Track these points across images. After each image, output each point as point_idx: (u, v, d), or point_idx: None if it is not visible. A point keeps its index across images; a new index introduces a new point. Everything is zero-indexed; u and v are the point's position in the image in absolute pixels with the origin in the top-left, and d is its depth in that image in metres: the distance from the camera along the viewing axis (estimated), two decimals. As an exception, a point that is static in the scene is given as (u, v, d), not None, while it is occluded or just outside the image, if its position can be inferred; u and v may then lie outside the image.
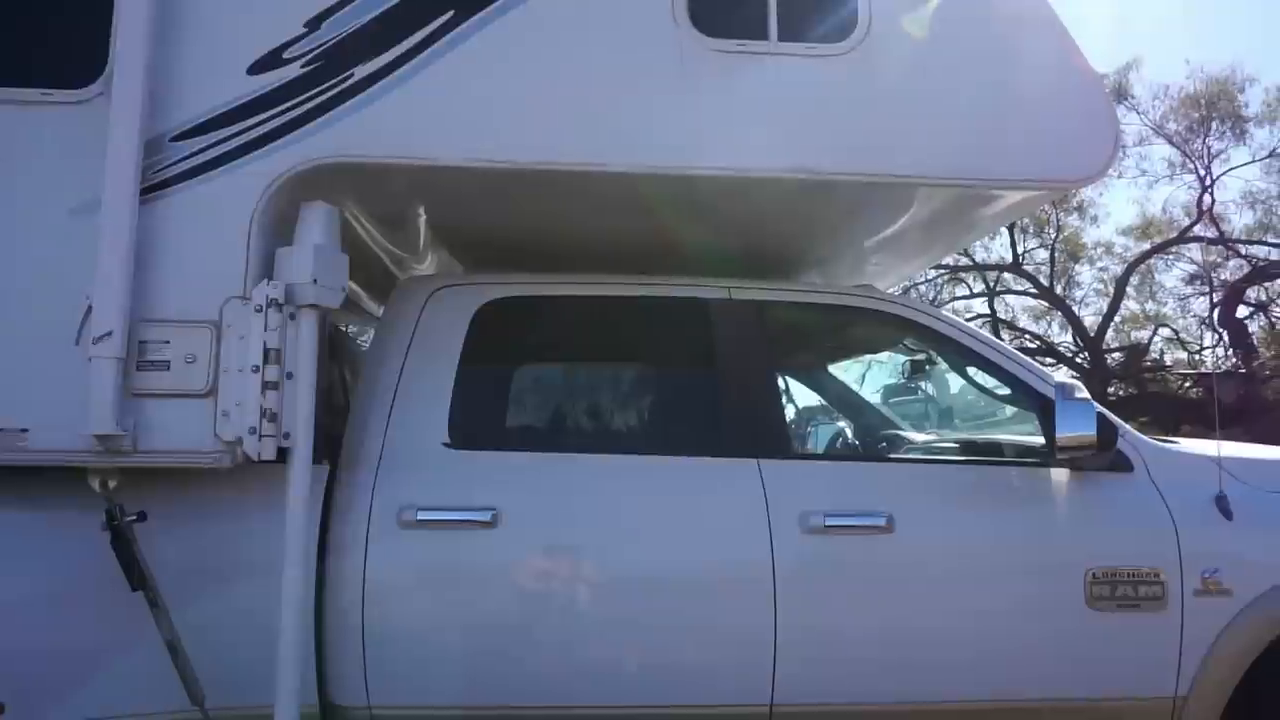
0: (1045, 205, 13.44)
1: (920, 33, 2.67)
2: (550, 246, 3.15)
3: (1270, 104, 13.30)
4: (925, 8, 2.68)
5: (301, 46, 2.44)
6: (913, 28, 2.66)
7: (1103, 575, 2.58)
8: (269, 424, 2.30)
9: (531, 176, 2.52)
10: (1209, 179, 13.80)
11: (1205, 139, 13.77)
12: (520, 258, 3.16)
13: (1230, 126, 13.68)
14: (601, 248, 3.10)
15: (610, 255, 3.04)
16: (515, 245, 3.18)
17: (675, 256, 3.05)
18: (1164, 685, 2.58)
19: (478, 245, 3.29)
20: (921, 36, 2.66)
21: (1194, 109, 13.81)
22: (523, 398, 3.14)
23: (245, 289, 2.34)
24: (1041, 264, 15.60)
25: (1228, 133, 13.72)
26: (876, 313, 3.00)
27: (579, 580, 2.54)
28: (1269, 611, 2.59)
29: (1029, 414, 2.86)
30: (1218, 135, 13.76)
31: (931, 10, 2.68)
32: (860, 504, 2.61)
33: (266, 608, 2.26)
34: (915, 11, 2.67)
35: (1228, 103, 13.63)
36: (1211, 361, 14.22)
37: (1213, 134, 13.76)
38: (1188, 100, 13.85)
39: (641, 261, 2.99)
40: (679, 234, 3.03)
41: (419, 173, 2.50)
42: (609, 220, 2.96)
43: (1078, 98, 2.74)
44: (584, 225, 3.02)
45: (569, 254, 3.08)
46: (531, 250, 3.16)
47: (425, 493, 2.52)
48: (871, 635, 2.56)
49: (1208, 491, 2.68)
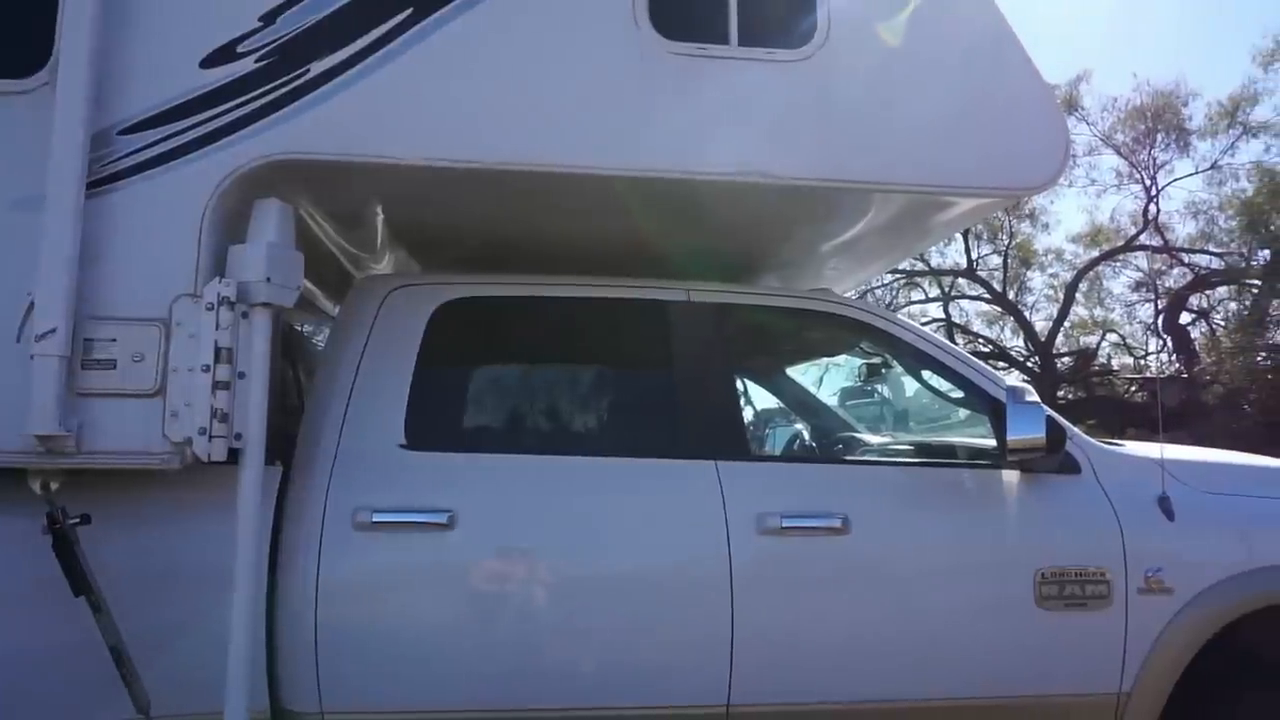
0: (998, 212, 13.71)
1: (879, 42, 2.71)
2: (509, 247, 3.13)
3: (1212, 118, 13.73)
4: (885, 18, 2.72)
5: (256, 41, 2.40)
6: (871, 37, 2.70)
7: (1051, 575, 2.64)
8: (220, 424, 2.26)
9: (490, 177, 2.50)
10: (1154, 189, 14.22)
11: (1151, 150, 14.19)
12: (479, 258, 3.14)
13: (1175, 139, 14.09)
14: (561, 249, 3.09)
15: (569, 256, 3.04)
16: (474, 245, 3.16)
17: (635, 258, 3.06)
18: (1109, 682, 2.64)
19: (436, 245, 3.26)
20: (880, 46, 2.71)
21: (1140, 121, 14.19)
22: (480, 399, 3.12)
23: (196, 287, 2.29)
24: (995, 270, 15.93)
25: (1172, 145, 14.14)
26: (833, 316, 3.03)
27: (536, 582, 2.53)
28: (1207, 609, 2.67)
29: (981, 417, 2.91)
30: (1163, 147, 14.19)
31: (890, 21, 2.72)
32: (816, 505, 2.63)
33: (216, 612, 2.22)
34: (875, 21, 2.71)
35: (1172, 116, 14.03)
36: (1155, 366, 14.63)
37: (1158, 146, 14.17)
38: (1134, 113, 14.24)
39: (601, 263, 2.99)
40: (638, 236, 3.04)
41: (376, 171, 2.47)
42: (568, 221, 2.95)
43: (1030, 108, 2.80)
44: (543, 226, 3.01)
45: (528, 255, 3.07)
46: (490, 251, 3.15)
47: (381, 494, 2.49)
48: (827, 635, 2.58)
49: (1151, 493, 2.75)
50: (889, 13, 2.72)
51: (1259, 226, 12.38)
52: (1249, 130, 13.42)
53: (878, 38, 2.71)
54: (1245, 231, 12.77)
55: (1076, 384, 14.79)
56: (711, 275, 3.05)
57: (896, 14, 2.72)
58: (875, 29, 2.71)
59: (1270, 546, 2.74)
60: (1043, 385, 12.94)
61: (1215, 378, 11.77)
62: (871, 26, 2.70)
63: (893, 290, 16.31)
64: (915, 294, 16.74)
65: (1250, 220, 12.49)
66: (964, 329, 16.56)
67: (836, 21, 2.64)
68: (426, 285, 2.83)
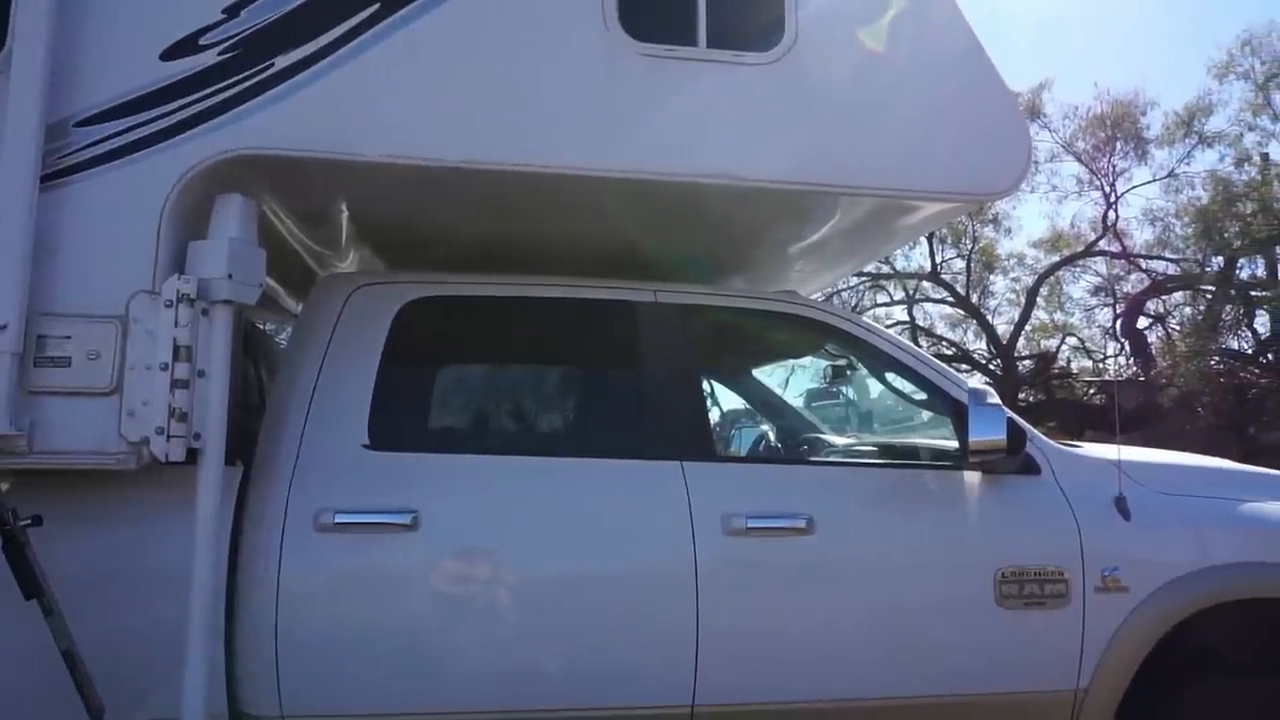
0: (962, 217, 13.90)
1: (846, 47, 2.73)
2: (476, 246, 3.11)
3: (1169, 127, 14.03)
4: (853, 24, 2.75)
5: (219, 33, 2.36)
6: (839, 42, 2.73)
7: (1011, 574, 2.68)
8: (178, 424, 2.22)
9: (456, 176, 2.49)
10: (1113, 196, 14.50)
11: (1110, 158, 14.47)
12: (445, 257, 3.12)
13: (1133, 147, 14.38)
14: (527, 248, 3.08)
15: (536, 257, 3.03)
16: (440, 244, 3.14)
17: (602, 259, 3.06)
18: (1066, 679, 2.69)
19: (401, 243, 3.23)
20: (848, 51, 2.73)
21: (1101, 129, 14.47)
22: (446, 398, 3.10)
23: (154, 283, 2.25)
24: (958, 273, 16.14)
25: (1131, 153, 14.43)
26: (799, 318, 3.05)
27: (500, 584, 2.51)
28: (1162, 607, 2.72)
29: (944, 418, 2.95)
30: (1122, 155, 14.47)
31: (858, 27, 2.75)
32: (781, 506, 2.65)
33: (174, 616, 2.18)
34: (842, 27, 2.73)
35: (1131, 124, 14.32)
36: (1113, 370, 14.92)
37: (1117, 153, 14.45)
38: (1095, 121, 14.51)
39: (568, 263, 2.98)
40: (605, 236, 3.04)
41: (341, 168, 2.44)
42: (535, 221, 2.94)
43: (994, 115, 2.84)
44: (510, 226, 2.99)
45: (495, 254, 3.05)
46: (457, 249, 3.12)
47: (343, 495, 2.46)
48: (791, 635, 2.59)
49: (1108, 493, 2.81)
50: (857, 19, 2.75)
51: (1213, 234, 12.68)
52: (1204, 140, 13.76)
53: (845, 43, 2.74)
54: (1200, 238, 13.07)
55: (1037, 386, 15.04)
56: (679, 276, 3.06)
57: (864, 21, 2.75)
58: (843, 35, 2.74)
59: (1221, 546, 2.80)
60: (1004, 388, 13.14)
61: (1170, 381, 12.03)
62: (839, 32, 2.73)
63: (858, 293, 16.48)
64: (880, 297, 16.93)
65: (1205, 227, 12.78)
66: (928, 332, 16.77)
67: (804, 26, 2.66)
68: (391, 284, 2.81)
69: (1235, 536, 2.84)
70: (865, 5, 2.78)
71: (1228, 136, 13.40)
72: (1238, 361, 12.43)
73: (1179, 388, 11.72)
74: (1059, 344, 16.26)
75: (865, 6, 2.78)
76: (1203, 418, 11.19)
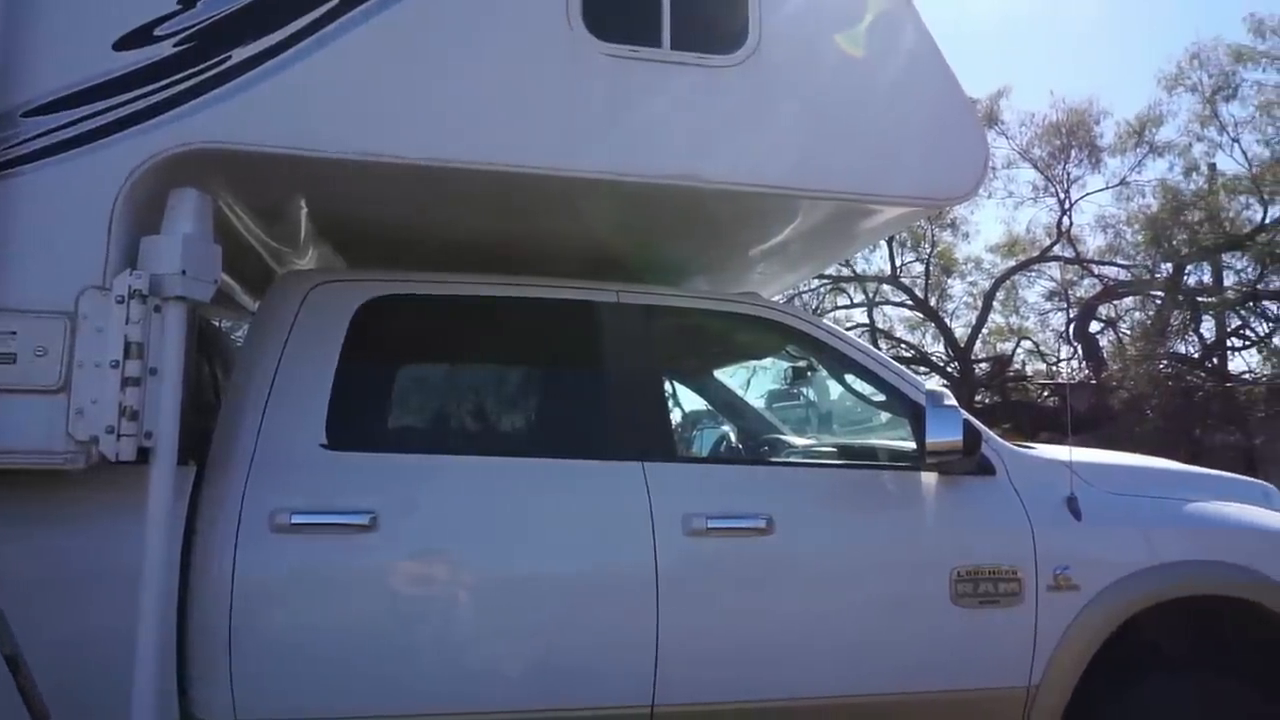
0: (921, 221, 14.09)
1: (809, 52, 2.76)
2: (437, 245, 3.09)
3: (1121, 136, 14.36)
4: (815, 29, 2.77)
5: (175, 24, 2.31)
6: (802, 47, 2.76)
7: (967, 574, 2.72)
8: (129, 423, 2.17)
9: (416, 173, 2.46)
10: (1067, 203, 14.79)
11: (1065, 165, 14.75)
12: (406, 255, 3.09)
13: (1087, 155, 14.70)
14: (490, 247, 3.06)
15: (498, 255, 3.01)
16: (401, 242, 3.11)
17: (564, 258, 3.05)
18: (1019, 676, 2.74)
19: (362, 241, 3.20)
20: (810, 56, 2.76)
21: (1056, 137, 14.75)
22: (405, 398, 3.07)
23: (105, 279, 2.19)
24: (917, 277, 16.35)
25: (1085, 161, 14.74)
26: (760, 320, 3.08)
27: (460, 585, 2.50)
28: (1110, 605, 2.79)
29: (902, 420, 2.99)
30: (1076, 162, 14.77)
31: (821, 33, 2.78)
32: (742, 506, 2.66)
33: (123, 619, 2.13)
34: (805, 32, 2.76)
35: (1085, 133, 14.63)
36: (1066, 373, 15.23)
37: (1071, 161, 14.75)
38: (1050, 129, 14.79)
39: (530, 263, 2.97)
40: (568, 236, 3.03)
41: (299, 164, 2.41)
42: (497, 220, 2.93)
43: (953, 122, 2.89)
44: (472, 224, 2.98)
45: (456, 253, 3.03)
46: (418, 248, 3.10)
47: (300, 495, 2.42)
48: (751, 634, 2.61)
49: (1060, 494, 2.86)
50: (820, 25, 2.78)
51: (1162, 241, 13.00)
52: (1155, 149, 14.10)
53: (809, 48, 2.77)
54: (1150, 245, 13.40)
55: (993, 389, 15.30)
56: (641, 277, 3.06)
57: (828, 27, 2.78)
58: (807, 40, 2.76)
59: (1168, 545, 2.88)
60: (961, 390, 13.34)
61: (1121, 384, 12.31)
62: (803, 37, 2.76)
63: (819, 295, 16.62)
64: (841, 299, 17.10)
65: (1155, 235, 13.10)
66: (887, 334, 16.96)
67: (768, 30, 2.68)
68: (351, 282, 2.77)
69: (1180, 535, 2.92)
70: (829, 12, 2.81)
71: (1177, 146, 13.77)
72: (1185, 365, 12.77)
73: (1129, 390, 12.00)
74: (1014, 347, 16.57)
75: (829, 13, 2.81)
76: (1151, 419, 11.46)
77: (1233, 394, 11.86)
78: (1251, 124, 12.62)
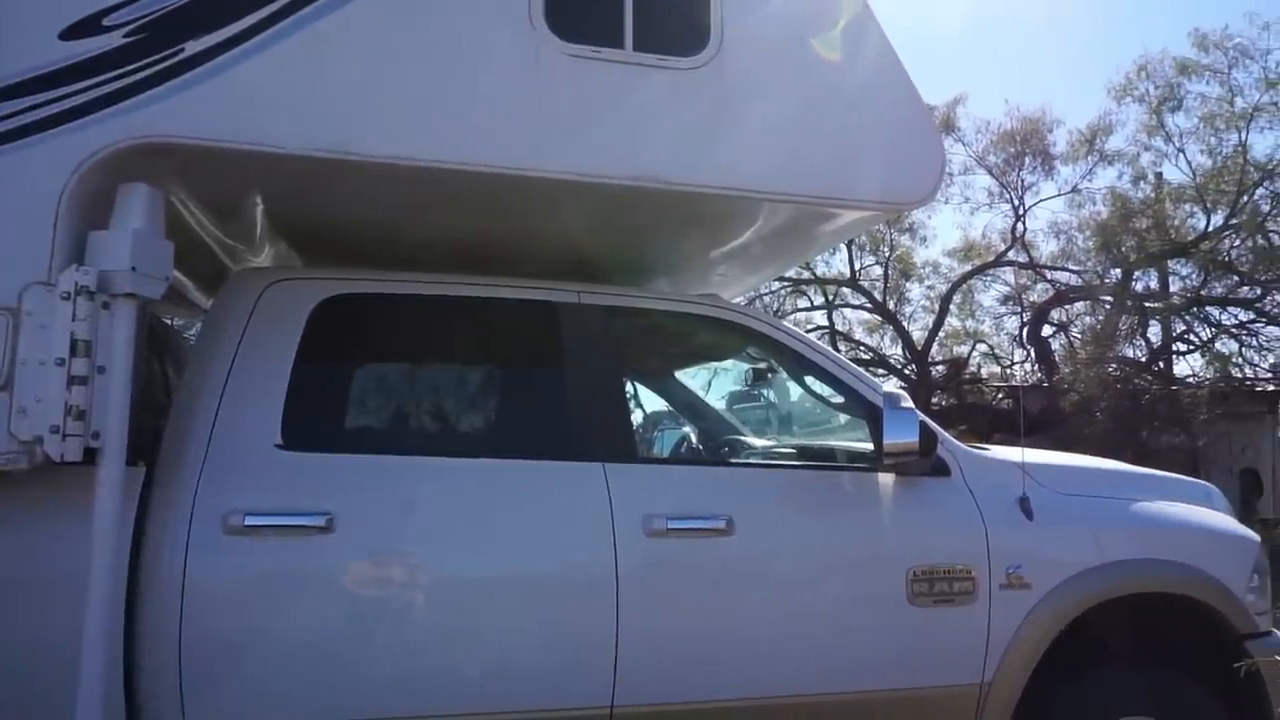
0: (880, 225, 14.26)
1: (770, 57, 2.78)
2: (396, 243, 3.05)
3: (1073, 145, 14.67)
4: (777, 34, 2.80)
5: (125, 14, 2.26)
6: (763, 51, 2.78)
7: (923, 573, 2.76)
8: (75, 422, 2.11)
9: (375, 171, 2.43)
10: (1021, 209, 15.07)
11: (1019, 172, 15.04)
12: (364, 253, 3.05)
13: (1040, 163, 14.99)
14: (449, 246, 3.03)
15: (458, 254, 2.98)
16: (359, 241, 3.06)
17: (525, 258, 3.03)
18: (972, 673, 2.78)
19: (319, 239, 3.15)
20: (771, 61, 2.78)
21: (1010, 144, 15.03)
22: (363, 398, 3.02)
23: (50, 274, 2.13)
24: (876, 280, 16.54)
25: (1038, 168, 15.04)
26: (721, 321, 3.09)
27: (418, 587, 2.47)
28: (1060, 603, 2.84)
29: (860, 421, 3.02)
30: (1030, 170, 15.06)
31: (782, 38, 2.80)
32: (702, 507, 2.67)
33: (69, 624, 2.07)
34: (767, 36, 2.78)
35: (1038, 141, 14.93)
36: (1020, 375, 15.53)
37: (1025, 168, 15.04)
38: (1005, 136, 15.06)
39: (491, 262, 2.95)
40: (528, 235, 3.02)
41: (254, 160, 2.36)
42: (457, 219, 2.90)
43: (911, 128, 2.93)
44: (431, 223, 2.95)
45: (415, 251, 3.00)
46: (376, 246, 3.06)
47: (255, 496, 2.38)
48: (711, 634, 2.62)
49: (1013, 494, 2.92)
50: (782, 29, 2.80)
51: (1112, 247, 13.31)
52: (1105, 158, 14.45)
53: (770, 53, 2.79)
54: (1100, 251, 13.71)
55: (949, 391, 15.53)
56: (602, 277, 3.05)
57: (789, 32, 2.81)
58: (768, 44, 2.78)
59: (1116, 544, 2.95)
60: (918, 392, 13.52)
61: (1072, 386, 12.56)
62: (764, 41, 2.78)
63: (780, 297, 16.74)
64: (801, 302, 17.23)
65: (1104, 241, 13.41)
66: (846, 336, 17.13)
67: (730, 34, 2.70)
68: (307, 280, 2.73)
69: (1128, 535, 2.99)
70: (790, 18, 2.83)
71: (1126, 155, 14.11)
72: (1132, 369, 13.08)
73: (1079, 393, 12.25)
74: (970, 350, 16.85)
75: (790, 19, 2.83)
76: (1100, 421, 11.72)
77: (1177, 397, 12.17)
78: (1195, 134, 12.98)
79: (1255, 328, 13.07)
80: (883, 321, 16.78)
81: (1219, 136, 12.64)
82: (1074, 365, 13.20)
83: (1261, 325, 12.96)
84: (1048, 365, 14.13)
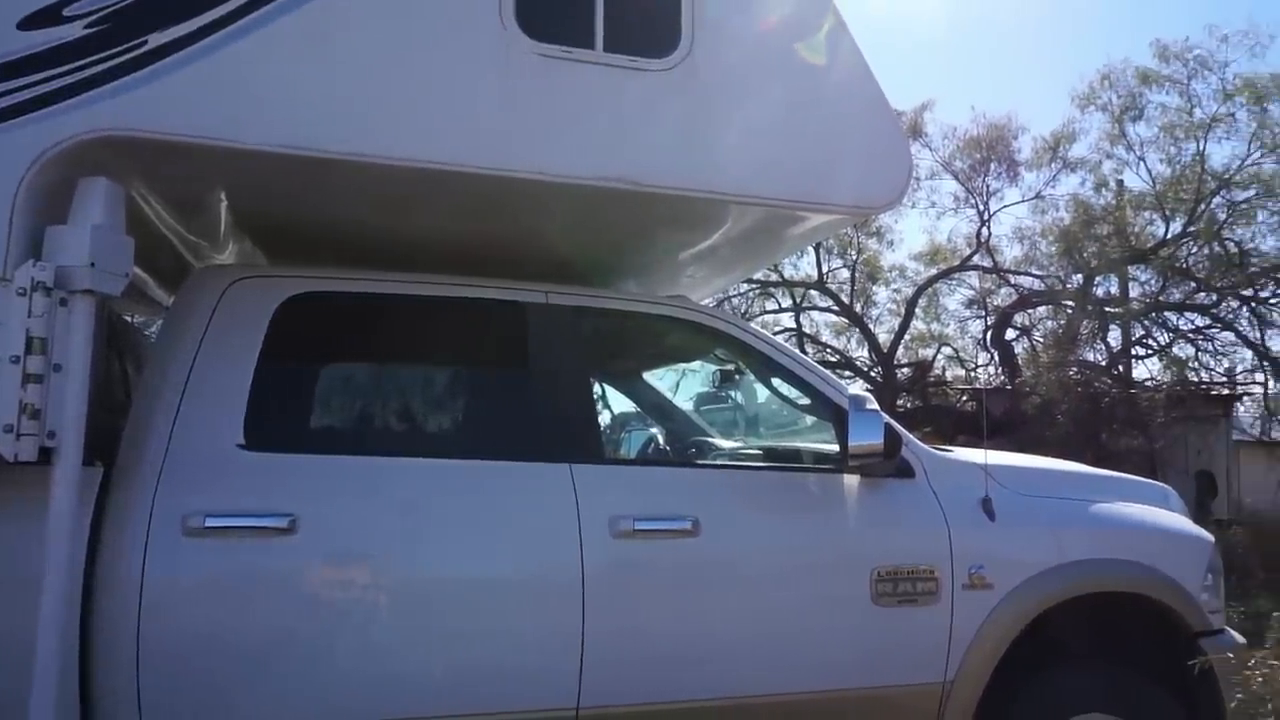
0: (848, 229, 14.38)
1: (740, 60, 2.80)
2: (362, 241, 3.02)
3: (1038, 152, 14.91)
4: (747, 38, 2.81)
5: (86, 5, 2.21)
6: (733, 54, 2.79)
7: (887, 574, 2.79)
8: (30, 421, 2.07)
9: (341, 168, 2.41)
10: (986, 214, 15.28)
11: (985, 178, 15.24)
12: (330, 252, 3.02)
13: (1005, 169, 15.21)
14: (416, 245, 3.01)
15: (426, 254, 2.96)
16: (325, 239, 3.03)
17: (493, 258, 3.02)
18: (935, 672, 2.82)
19: (285, 237, 3.11)
20: (741, 64, 2.80)
21: (976, 150, 15.24)
22: (327, 398, 2.99)
23: (5, 270, 2.09)
24: (844, 283, 16.67)
25: (1003, 174, 15.26)
26: (689, 323, 3.10)
27: (382, 589, 2.45)
28: (1021, 603, 2.89)
29: (826, 423, 3.05)
30: (995, 175, 15.27)
31: (752, 41, 2.82)
32: (668, 508, 2.68)
33: (22, 627, 2.02)
34: (737, 40, 2.80)
35: (1004, 148, 15.14)
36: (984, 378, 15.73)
37: (991, 174, 15.25)
38: (971, 142, 15.25)
39: (458, 261, 2.93)
40: (496, 235, 3.01)
41: (218, 155, 2.33)
42: (425, 217, 2.89)
43: (878, 133, 2.96)
44: (399, 221, 2.92)
45: (382, 250, 2.97)
46: (342, 244, 3.03)
47: (216, 497, 2.35)
48: (677, 635, 2.63)
49: (975, 495, 2.96)
50: (752, 34, 2.82)
51: (1074, 253, 13.55)
52: (1068, 165, 14.70)
53: (739, 56, 2.80)
54: (1062, 257, 13.94)
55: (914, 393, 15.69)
56: (571, 278, 3.05)
57: (759, 36, 2.82)
58: (737, 47, 2.80)
59: (1076, 544, 3.00)
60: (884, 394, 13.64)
61: (1034, 389, 12.75)
62: (734, 45, 2.79)
63: (748, 299, 16.80)
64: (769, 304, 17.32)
65: (1067, 247, 13.64)
66: (814, 339, 17.25)
67: (700, 37, 2.71)
68: (271, 278, 2.70)
69: (1087, 536, 3.05)
70: (760, 20, 2.85)
71: (1088, 163, 14.36)
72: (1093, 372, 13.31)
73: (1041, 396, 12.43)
74: (935, 353, 17.04)
75: (760, 22, 2.85)
76: (1061, 424, 11.90)
77: (1136, 400, 12.40)
78: (1155, 144, 13.25)
79: (1211, 333, 13.38)
80: (849, 324, 16.91)
81: (1178, 146, 12.92)
82: (1036, 368, 13.40)
83: (1217, 331, 13.27)
84: (1011, 368, 14.35)
